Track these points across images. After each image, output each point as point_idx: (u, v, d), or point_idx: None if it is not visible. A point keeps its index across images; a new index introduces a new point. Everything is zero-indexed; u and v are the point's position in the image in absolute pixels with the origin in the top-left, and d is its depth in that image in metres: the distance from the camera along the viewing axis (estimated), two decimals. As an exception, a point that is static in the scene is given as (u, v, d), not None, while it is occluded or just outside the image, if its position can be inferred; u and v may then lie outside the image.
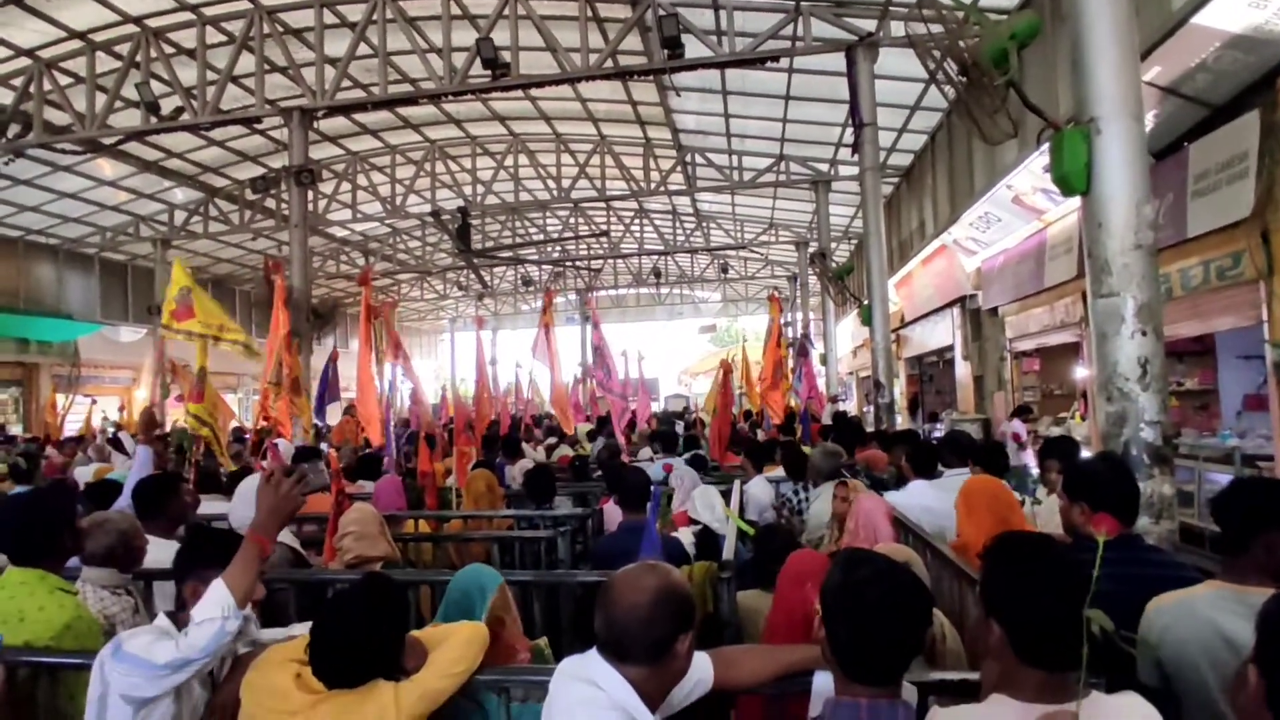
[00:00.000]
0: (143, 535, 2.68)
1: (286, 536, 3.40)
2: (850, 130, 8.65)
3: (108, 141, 10.37)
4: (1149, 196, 3.33)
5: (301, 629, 2.02)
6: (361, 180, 15.00)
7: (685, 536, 3.55)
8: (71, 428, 12.81)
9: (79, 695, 2.17)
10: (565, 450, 8.59)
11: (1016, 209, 9.13)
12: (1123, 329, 3.26)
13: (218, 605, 1.86)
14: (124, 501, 3.65)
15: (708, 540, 3.53)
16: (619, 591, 1.48)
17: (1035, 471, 7.84)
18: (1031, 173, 7.88)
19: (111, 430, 11.33)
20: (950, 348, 13.24)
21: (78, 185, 13.32)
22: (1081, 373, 9.83)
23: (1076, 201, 3.79)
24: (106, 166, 12.58)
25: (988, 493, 3.22)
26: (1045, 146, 3.63)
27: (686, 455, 6.73)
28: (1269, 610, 1.15)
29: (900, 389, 15.66)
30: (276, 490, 2.05)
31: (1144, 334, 3.25)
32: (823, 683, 1.75)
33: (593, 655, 1.44)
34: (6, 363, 15.12)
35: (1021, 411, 9.99)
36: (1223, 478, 6.19)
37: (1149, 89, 5.72)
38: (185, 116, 9.46)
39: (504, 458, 6.91)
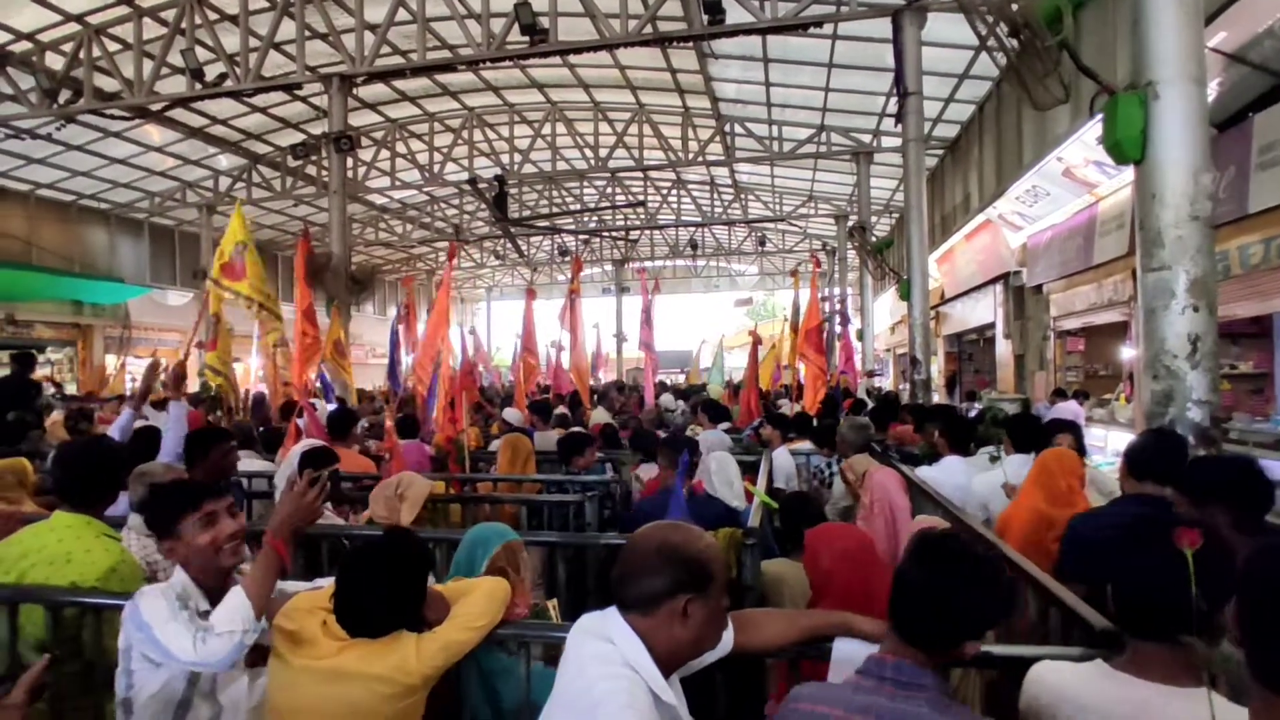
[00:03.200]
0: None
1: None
2: (894, 100, 8.39)
3: (155, 107, 10.56)
4: (1208, 165, 3.18)
5: (325, 581, 2.07)
6: (400, 148, 15.08)
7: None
8: (124, 387, 13.29)
9: (122, 634, 2.27)
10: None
11: (1067, 182, 8.83)
12: (1173, 304, 3.14)
13: (238, 618, 1.82)
14: (167, 455, 3.78)
15: (725, 513, 3.51)
16: (631, 540, 1.50)
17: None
18: (1084, 144, 7.59)
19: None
20: (991, 325, 12.96)
21: (126, 151, 13.62)
22: (1128, 353, 9.55)
23: (1130, 175, 3.65)
24: (154, 132, 12.83)
25: (1048, 468, 3.13)
26: (1099, 116, 3.48)
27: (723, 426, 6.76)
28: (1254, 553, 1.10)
29: (938, 367, 15.41)
30: (299, 499, 2.02)
31: (1195, 310, 3.13)
32: (843, 649, 1.74)
33: (611, 612, 1.44)
34: (63, 324, 15.66)
35: (1061, 394, 9.72)
36: (1276, 465, 5.98)
37: (1213, 55, 5.45)
38: (229, 83, 9.58)
39: (536, 423, 6.99)
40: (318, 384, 6.98)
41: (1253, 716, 1.07)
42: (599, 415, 8.45)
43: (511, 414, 7.74)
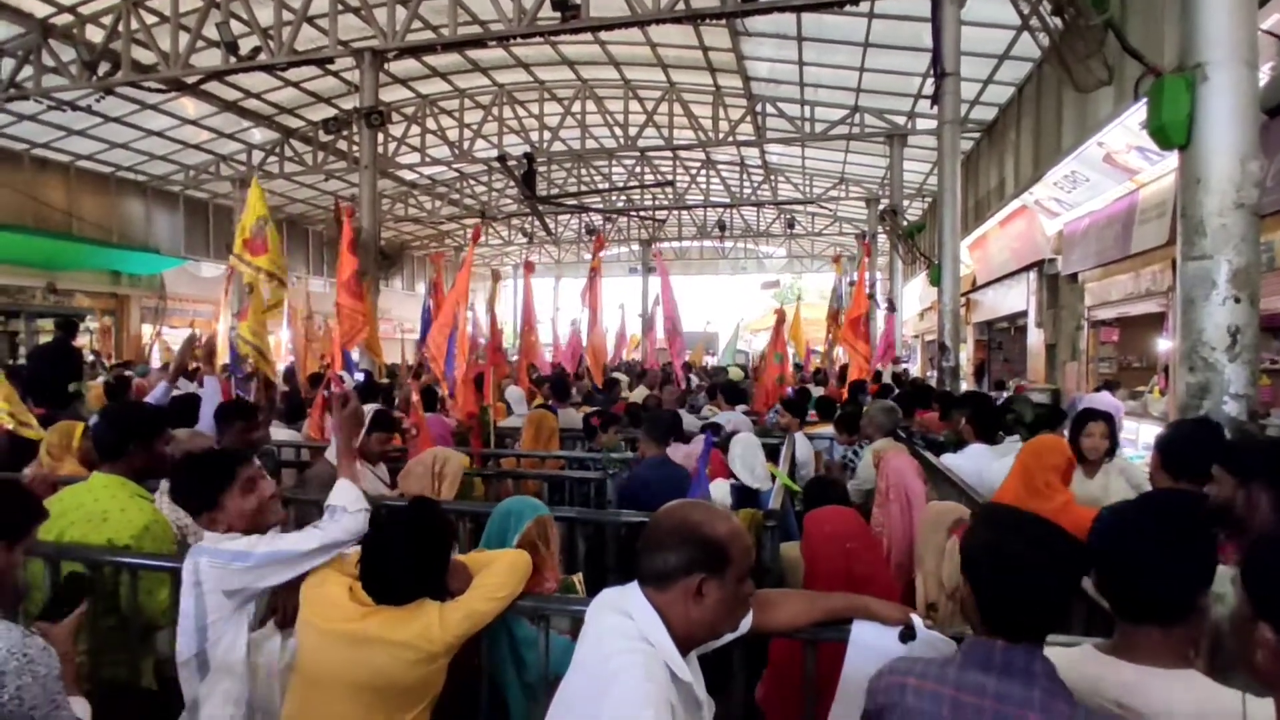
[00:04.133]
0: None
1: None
2: (930, 81, 8.21)
3: (190, 80, 10.70)
4: (1256, 152, 3.07)
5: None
6: (430, 124, 15.11)
7: (720, 489, 3.50)
8: (158, 358, 13.60)
9: (156, 591, 2.34)
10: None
11: (1107, 168, 8.59)
12: (1213, 294, 3.06)
13: (357, 499, 2.11)
14: (204, 425, 3.89)
15: (745, 495, 3.50)
16: (655, 515, 1.50)
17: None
18: (1127, 129, 7.37)
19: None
20: (1023, 314, 12.72)
21: (163, 124, 13.82)
22: (1164, 345, 9.33)
23: (1173, 162, 3.54)
24: (189, 105, 13.00)
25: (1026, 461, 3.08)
26: (1143, 100, 3.38)
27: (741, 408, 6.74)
28: (1257, 562, 1.09)
29: (967, 354, 15.19)
30: (341, 413, 2.36)
31: (1237, 301, 3.04)
32: (861, 632, 1.74)
33: (633, 587, 1.45)
34: (101, 293, 16.04)
35: (1110, 386, 9.51)
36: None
37: (1266, 38, 5.24)
38: (262, 56, 9.65)
39: (555, 401, 7.01)
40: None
41: None
42: (639, 394, 8.41)
43: (513, 392, 7.56)
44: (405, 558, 1.82)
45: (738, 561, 1.40)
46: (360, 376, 6.43)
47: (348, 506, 2.07)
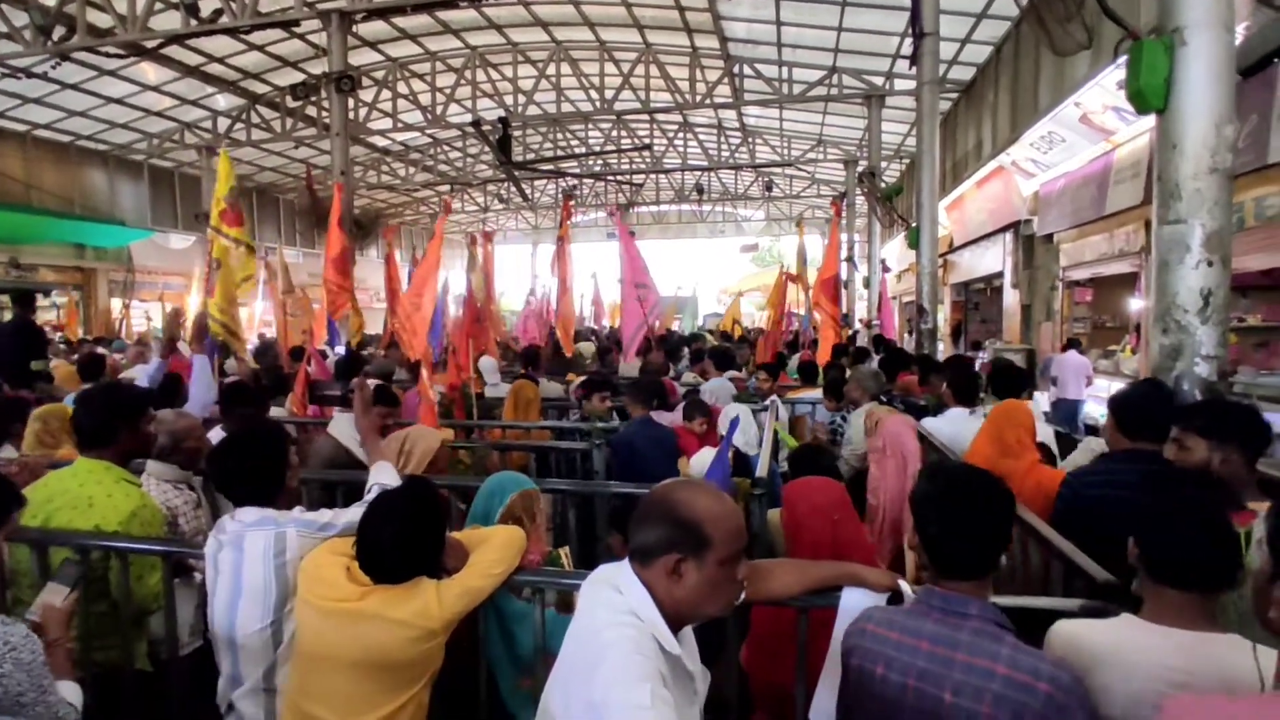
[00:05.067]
0: (198, 435, 2.79)
1: (349, 441, 3.53)
2: (909, 41, 8.14)
3: (149, 45, 10.32)
4: (1232, 116, 3.10)
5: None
6: (402, 88, 14.74)
7: (703, 458, 3.52)
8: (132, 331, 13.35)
9: (147, 576, 2.33)
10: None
11: (1083, 129, 8.63)
12: (1187, 258, 3.10)
13: (394, 475, 2.41)
14: (194, 406, 3.85)
15: (736, 462, 3.55)
16: (649, 490, 1.52)
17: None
18: (1103, 89, 7.39)
19: (155, 336, 11.77)
20: (999, 274, 12.86)
21: (123, 90, 13.35)
22: (1136, 305, 9.49)
23: (1148, 122, 3.56)
24: (150, 71, 12.55)
25: (998, 422, 3.16)
26: (1121, 60, 3.38)
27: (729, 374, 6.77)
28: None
29: (944, 316, 15.36)
30: (358, 406, 2.86)
31: (1210, 264, 3.09)
32: (850, 599, 1.79)
33: (625, 563, 1.47)
34: (66, 267, 15.62)
35: (1075, 344, 9.68)
36: (1276, 418, 6.01)
37: (1243, -3, 5.26)
38: (224, 19, 9.32)
39: (531, 372, 6.98)
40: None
41: None
42: (627, 369, 8.30)
43: (486, 363, 7.35)
44: (399, 536, 1.83)
45: (720, 545, 1.38)
46: (341, 350, 6.36)
47: (389, 484, 2.30)
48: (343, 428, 3.53)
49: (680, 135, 18.71)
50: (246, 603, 1.98)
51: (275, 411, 4.97)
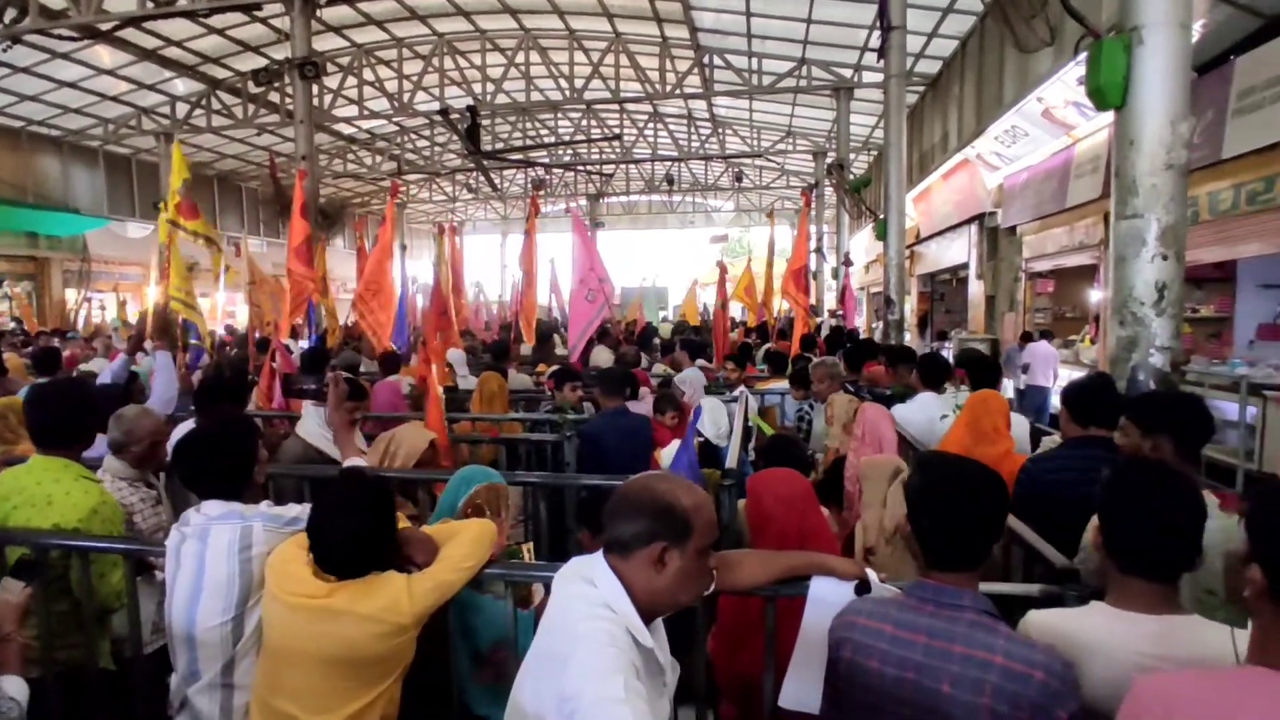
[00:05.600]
0: (157, 433, 2.72)
1: (319, 440, 3.47)
2: (877, 34, 8.21)
3: (104, 27, 9.99)
4: (1187, 113, 3.19)
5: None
6: (368, 75, 14.48)
7: (671, 451, 3.55)
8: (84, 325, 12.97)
9: (109, 574, 2.29)
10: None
11: (1045, 123, 8.80)
12: (1143, 252, 3.20)
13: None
14: (156, 402, 3.76)
15: (706, 453, 3.59)
16: (624, 484, 1.53)
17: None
18: (1065, 84, 7.54)
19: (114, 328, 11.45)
20: (964, 266, 13.08)
21: (77, 74, 12.92)
22: (1096, 296, 9.74)
23: (1107, 117, 3.64)
24: (105, 54, 12.16)
25: (975, 410, 3.25)
26: (1082, 57, 3.45)
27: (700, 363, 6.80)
28: (1259, 511, 1.19)
29: (911, 306, 15.58)
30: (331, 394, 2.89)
31: (1165, 258, 3.19)
32: (819, 588, 1.82)
33: (597, 556, 1.47)
34: (19, 257, 15.12)
35: (1028, 337, 9.93)
36: (1228, 406, 6.22)
37: (1199, -4, 5.39)
38: (182, 1, 9.08)
39: (497, 362, 6.94)
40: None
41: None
42: (600, 356, 8.30)
43: (454, 354, 7.36)
44: (342, 530, 1.80)
45: (700, 533, 1.41)
46: (305, 345, 6.27)
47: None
48: (311, 427, 3.48)
49: (650, 125, 18.68)
50: (208, 597, 1.95)
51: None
